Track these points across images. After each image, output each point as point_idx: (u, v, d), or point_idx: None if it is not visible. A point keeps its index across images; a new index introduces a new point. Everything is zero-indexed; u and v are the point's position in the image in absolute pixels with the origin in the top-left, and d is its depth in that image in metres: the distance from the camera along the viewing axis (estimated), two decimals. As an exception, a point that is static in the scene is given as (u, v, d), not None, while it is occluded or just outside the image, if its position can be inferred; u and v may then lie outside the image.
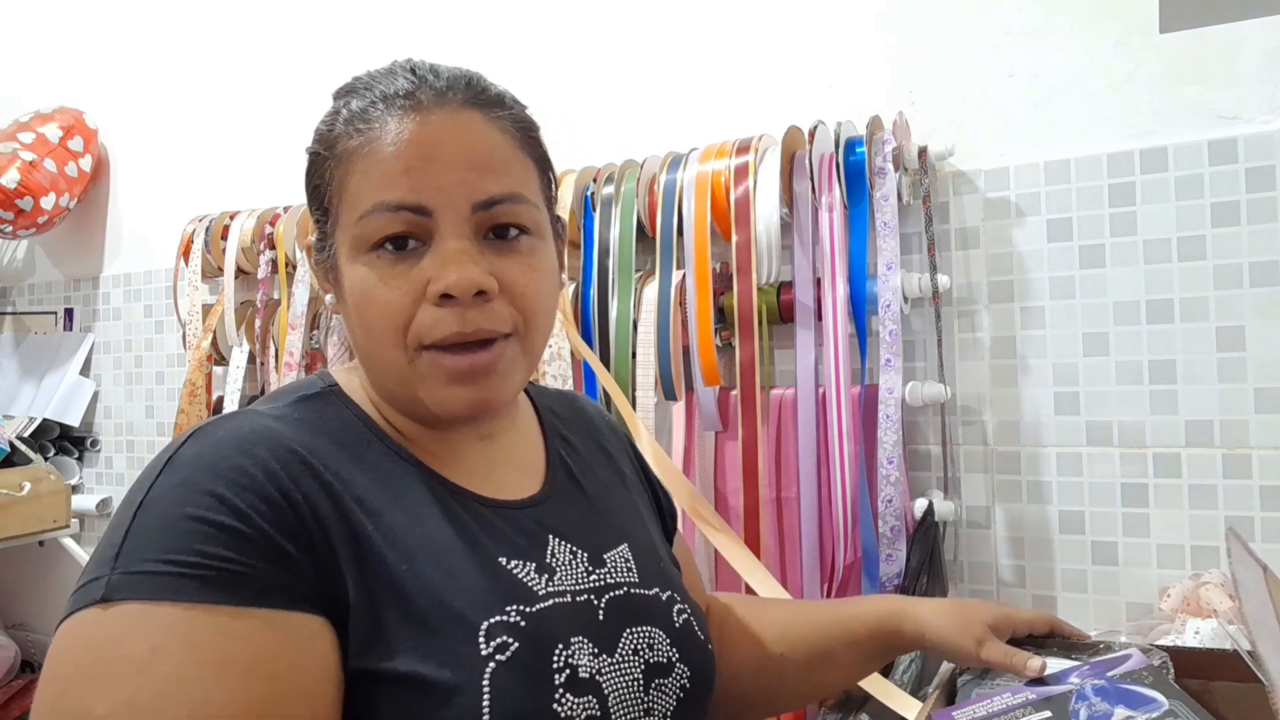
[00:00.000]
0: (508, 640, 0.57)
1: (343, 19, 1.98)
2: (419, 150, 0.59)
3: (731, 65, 1.56)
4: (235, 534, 0.51)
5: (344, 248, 0.61)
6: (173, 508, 0.52)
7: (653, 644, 0.65)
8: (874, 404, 1.33)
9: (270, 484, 0.54)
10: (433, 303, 0.59)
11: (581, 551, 0.66)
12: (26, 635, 1.82)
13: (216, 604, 0.50)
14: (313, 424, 0.61)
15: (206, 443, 0.56)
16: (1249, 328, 1.21)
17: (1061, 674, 0.72)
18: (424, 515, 0.60)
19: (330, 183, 0.62)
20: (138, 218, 2.31)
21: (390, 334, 0.60)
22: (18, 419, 2.25)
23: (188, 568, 0.50)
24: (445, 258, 0.59)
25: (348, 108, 0.62)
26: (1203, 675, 0.75)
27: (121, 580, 0.50)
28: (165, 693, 0.48)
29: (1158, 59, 1.26)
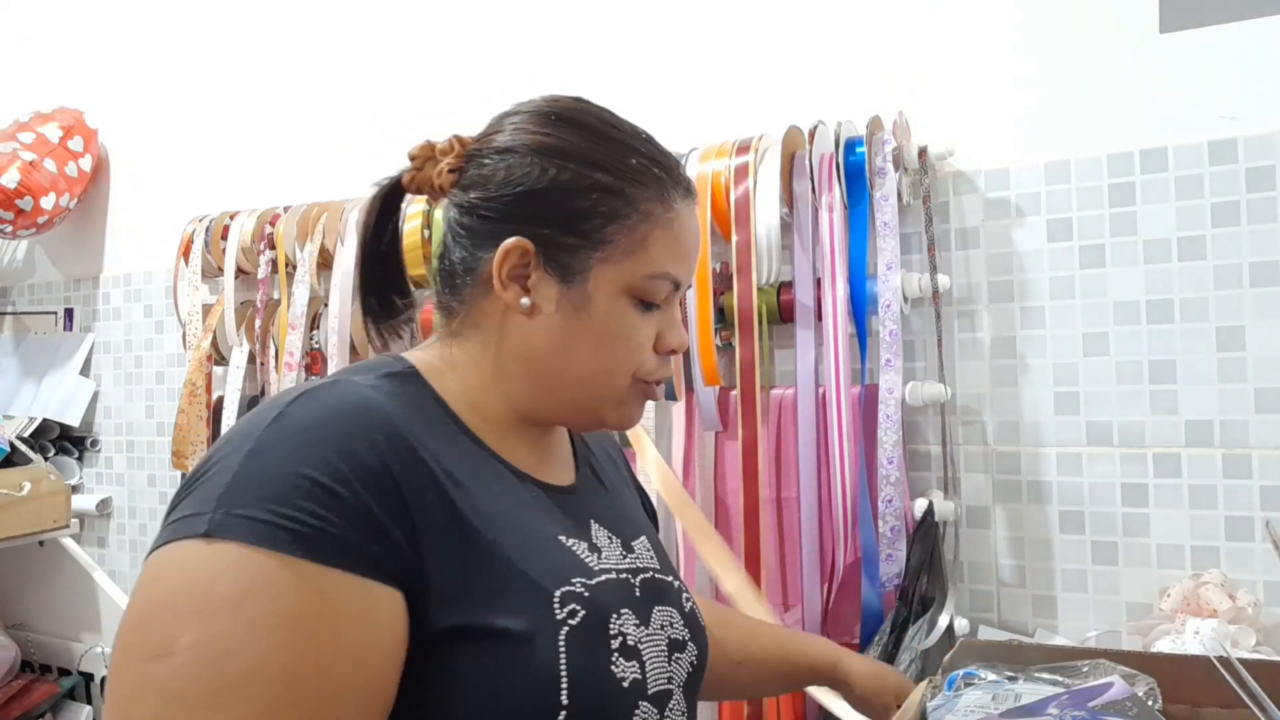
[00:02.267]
0: (576, 608, 0.64)
1: (343, 19, 1.97)
2: (694, 240, 0.74)
3: (731, 65, 1.56)
4: (336, 498, 0.55)
5: (610, 282, 0.69)
6: (282, 462, 0.56)
7: (672, 622, 0.73)
8: (874, 404, 1.33)
9: (373, 454, 0.58)
10: (661, 352, 0.73)
11: (615, 538, 0.75)
12: (26, 635, 1.82)
13: (305, 559, 0.53)
14: (402, 399, 0.65)
15: (315, 405, 0.60)
16: (1249, 328, 1.21)
17: (1039, 704, 0.70)
18: (498, 492, 0.67)
19: (617, 222, 0.69)
20: (138, 218, 2.31)
21: (628, 366, 0.71)
22: (18, 419, 2.25)
23: (288, 520, 0.54)
24: (672, 323, 0.74)
25: (646, 171, 0.71)
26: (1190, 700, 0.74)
27: (225, 520, 0.54)
28: (245, 636, 0.51)
29: (1158, 59, 1.26)
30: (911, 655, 1.21)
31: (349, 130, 1.96)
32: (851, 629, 1.34)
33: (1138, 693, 0.70)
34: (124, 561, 2.28)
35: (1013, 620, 1.34)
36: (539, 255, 0.69)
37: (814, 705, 1.34)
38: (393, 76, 1.91)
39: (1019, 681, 0.73)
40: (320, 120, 2.00)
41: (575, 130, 0.73)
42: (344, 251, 1.72)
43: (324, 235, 1.77)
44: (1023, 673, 0.76)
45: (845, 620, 1.35)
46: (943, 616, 1.24)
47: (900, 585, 1.29)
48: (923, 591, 1.28)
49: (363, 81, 1.95)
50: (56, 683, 1.75)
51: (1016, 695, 0.72)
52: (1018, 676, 0.74)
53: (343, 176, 1.92)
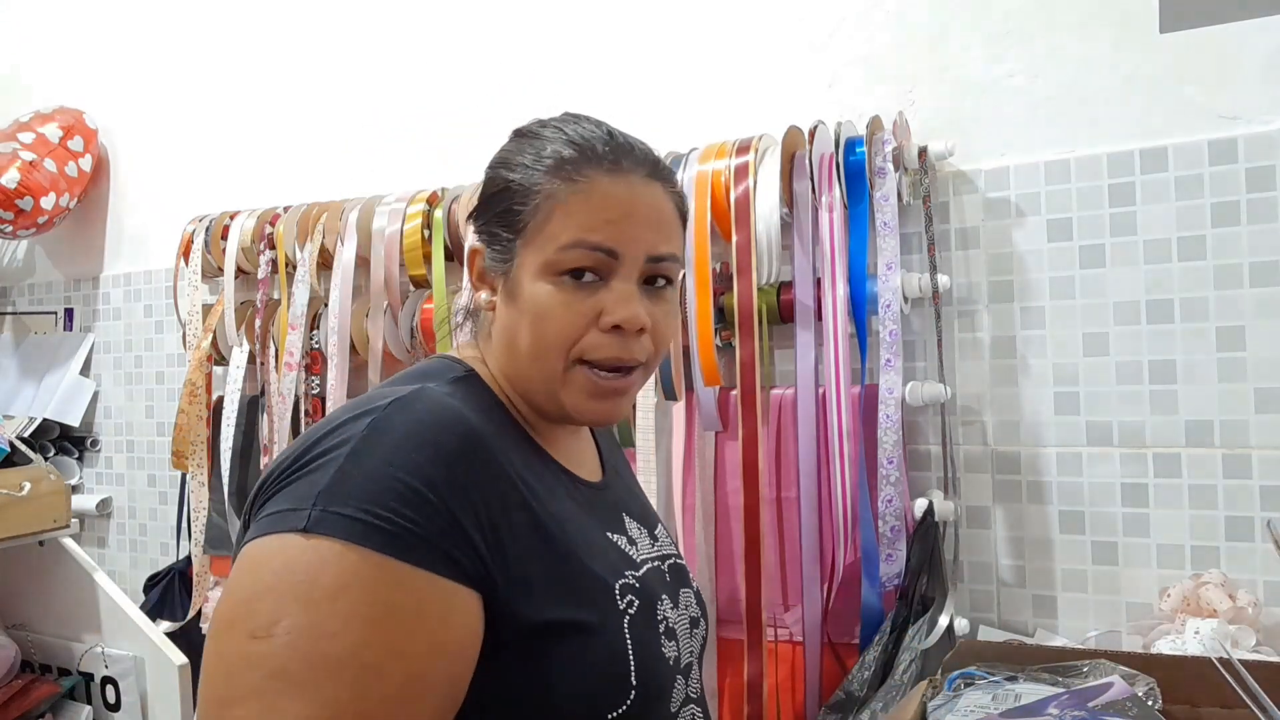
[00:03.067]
0: (633, 598, 0.70)
1: (342, 19, 1.97)
2: (619, 207, 0.72)
3: (731, 65, 1.56)
4: (426, 503, 0.60)
5: (531, 265, 0.72)
6: (380, 465, 0.60)
7: (690, 602, 0.80)
8: (874, 404, 1.33)
9: (461, 464, 0.63)
10: (603, 330, 0.71)
11: (643, 528, 0.81)
12: (26, 635, 1.82)
13: (396, 559, 0.58)
14: (476, 407, 0.70)
15: (411, 414, 0.64)
16: (1249, 328, 1.21)
17: (1039, 704, 0.70)
18: (557, 492, 0.72)
19: (530, 210, 0.72)
20: (138, 218, 2.31)
21: (560, 345, 0.71)
22: (18, 419, 2.25)
23: (382, 521, 0.58)
24: (619, 296, 0.71)
25: (554, 152, 0.73)
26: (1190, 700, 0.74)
27: (324, 517, 0.58)
28: (342, 625, 0.56)
29: (1158, 59, 1.26)
30: (911, 655, 1.21)
31: (349, 130, 1.96)
32: (851, 629, 1.34)
33: (1138, 693, 0.70)
34: (124, 562, 2.28)
35: (1013, 620, 1.34)
36: (487, 254, 0.76)
37: (814, 705, 1.34)
38: (392, 77, 1.91)
39: (1019, 681, 0.73)
40: (320, 120, 2.00)
41: (515, 140, 0.77)
42: (344, 251, 1.72)
43: (324, 235, 1.77)
44: (1022, 673, 0.76)
45: (845, 620, 1.35)
46: (943, 616, 1.24)
47: (900, 585, 1.29)
48: (923, 591, 1.28)
49: (363, 81, 1.95)
50: (56, 683, 1.75)
51: (1016, 695, 0.72)
52: (1017, 676, 0.74)
53: (343, 176, 1.92)
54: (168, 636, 1.64)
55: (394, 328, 1.72)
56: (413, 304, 1.70)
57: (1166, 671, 0.76)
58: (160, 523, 2.22)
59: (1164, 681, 0.74)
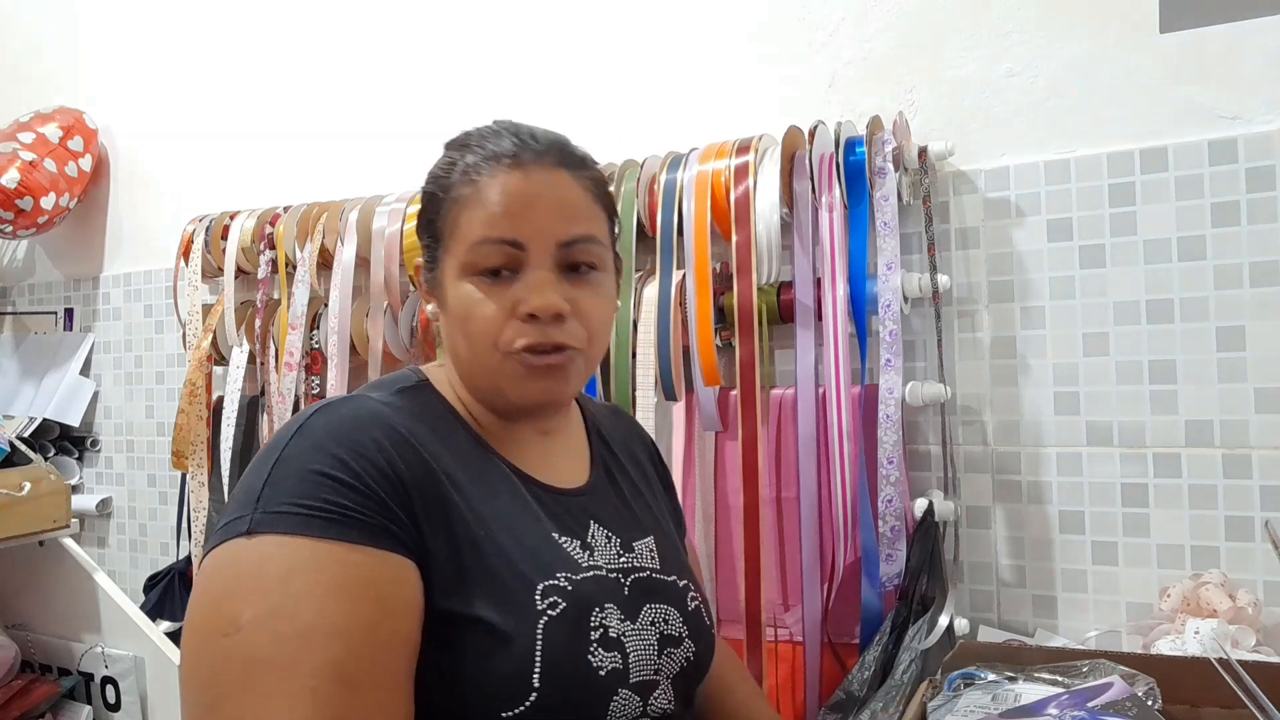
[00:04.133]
0: (558, 600, 0.70)
1: (342, 20, 1.97)
2: (519, 198, 0.74)
3: (731, 65, 1.56)
4: (352, 488, 0.64)
5: (451, 270, 0.75)
6: (305, 465, 0.65)
7: (667, 619, 0.78)
8: (874, 404, 1.33)
9: (380, 455, 0.67)
10: (520, 319, 0.73)
11: (615, 538, 0.80)
12: (26, 635, 1.82)
13: (336, 540, 0.62)
14: (412, 411, 0.74)
15: (332, 416, 0.69)
16: (1249, 328, 1.21)
17: (1039, 704, 0.70)
18: (498, 491, 0.74)
19: (443, 218, 0.77)
20: (138, 218, 2.31)
21: (486, 341, 0.74)
22: (18, 419, 2.25)
23: (316, 511, 0.63)
24: (531, 284, 0.73)
25: (463, 160, 0.76)
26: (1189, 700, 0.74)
27: (263, 518, 0.62)
28: (297, 604, 0.60)
29: (1158, 59, 1.26)
30: (911, 655, 1.20)
31: (349, 130, 1.96)
32: (851, 629, 1.34)
33: (1137, 693, 0.70)
34: (124, 561, 2.28)
35: (1013, 620, 1.34)
36: (424, 267, 0.81)
37: (814, 705, 1.34)
38: (393, 77, 1.91)
39: (1019, 682, 0.73)
40: (320, 120, 2.00)
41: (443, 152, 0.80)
42: (344, 251, 1.72)
43: (324, 235, 1.77)
44: (1022, 673, 0.76)
45: (845, 620, 1.35)
46: (943, 616, 1.24)
47: (900, 585, 1.29)
48: (923, 591, 1.28)
49: (363, 82, 1.95)
50: (56, 683, 1.75)
51: (1016, 695, 0.72)
52: (1017, 677, 0.74)
53: (343, 176, 1.92)
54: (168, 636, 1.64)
55: (394, 328, 1.72)
56: (413, 304, 1.70)
57: (1166, 671, 0.76)
58: (160, 523, 2.22)
59: (1164, 681, 0.74)
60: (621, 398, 1.44)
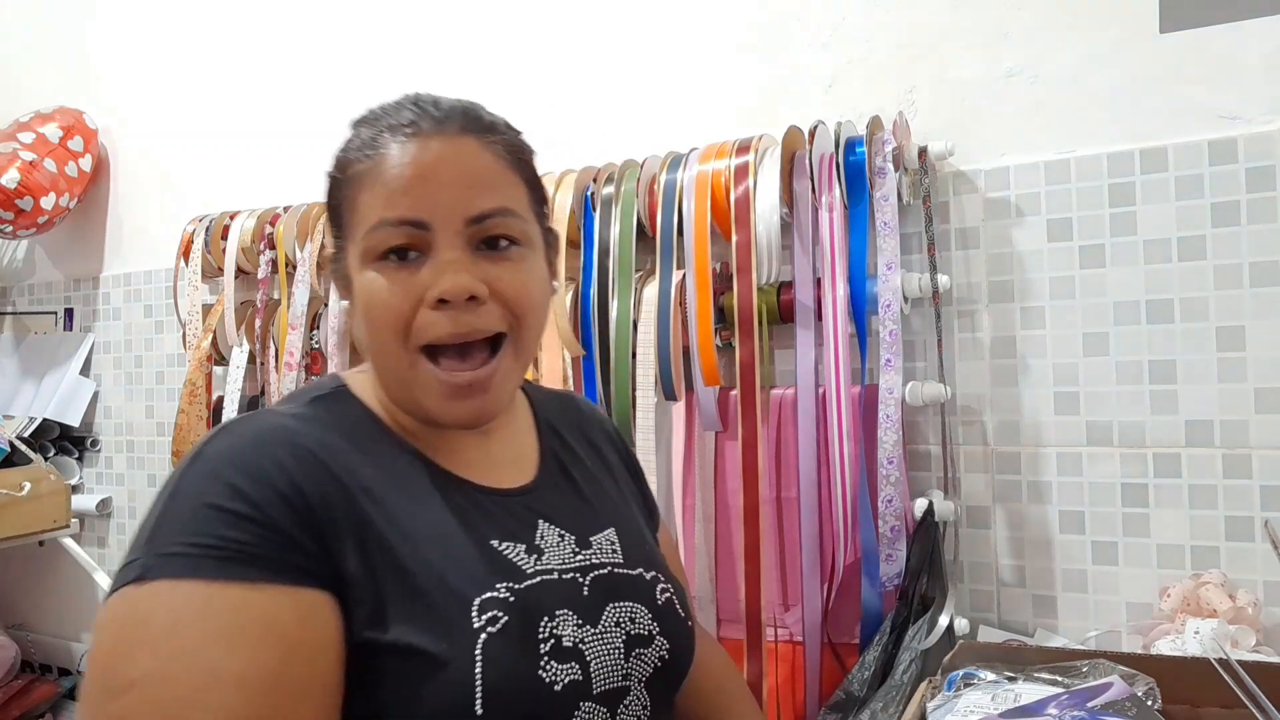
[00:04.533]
0: (498, 614, 0.63)
1: (342, 20, 1.97)
2: (418, 172, 0.67)
3: (732, 65, 1.56)
4: (249, 520, 0.58)
5: (355, 258, 0.69)
6: (197, 497, 0.59)
7: (634, 618, 0.72)
8: (874, 404, 1.33)
9: (282, 478, 0.61)
10: (430, 306, 0.66)
11: (569, 535, 0.73)
12: (26, 635, 1.82)
13: (231, 580, 0.57)
14: (325, 421, 0.68)
15: (229, 440, 0.63)
16: (1249, 328, 1.21)
17: (1039, 704, 0.70)
18: (425, 501, 0.68)
19: (344, 202, 0.70)
20: (138, 218, 2.31)
21: (393, 334, 0.67)
22: (18, 419, 2.25)
23: (208, 549, 0.57)
24: (440, 267, 0.66)
25: (359, 136, 0.71)
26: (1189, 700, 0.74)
27: (154, 561, 0.57)
28: (191, 657, 0.54)
29: (1158, 59, 1.26)
30: (911, 655, 1.20)
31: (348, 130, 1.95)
32: (851, 629, 1.34)
33: (1137, 693, 0.70)
34: (124, 561, 2.28)
35: (1013, 620, 1.34)
36: (334, 260, 0.74)
37: (814, 705, 1.34)
38: (392, 77, 1.91)
39: (1018, 682, 0.73)
40: (320, 120, 2.00)
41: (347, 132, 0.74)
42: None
43: (324, 235, 1.77)
44: (1022, 673, 0.76)
45: (845, 620, 1.35)
46: (943, 616, 1.24)
47: (900, 585, 1.29)
48: (923, 591, 1.28)
49: (362, 82, 1.95)
50: (56, 683, 1.75)
51: (1016, 695, 0.72)
52: (1017, 677, 0.74)
53: (343, 176, 1.92)
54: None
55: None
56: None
57: (1166, 671, 0.76)
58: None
59: (1164, 681, 0.75)
60: (621, 398, 1.44)
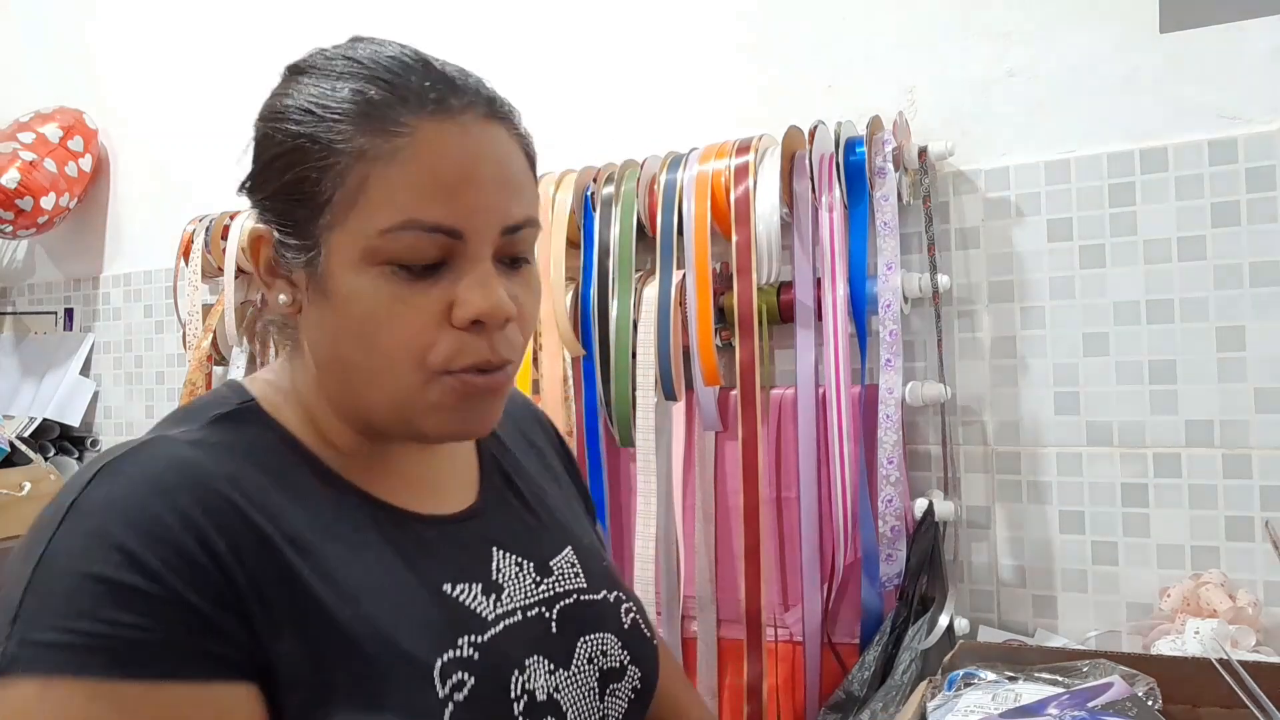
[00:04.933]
0: (463, 677, 0.54)
1: (342, 21, 1.97)
2: (459, 166, 0.54)
3: (732, 65, 1.56)
4: (146, 597, 0.46)
5: (346, 253, 0.54)
6: (76, 564, 0.46)
7: (605, 650, 0.64)
8: (874, 404, 1.33)
9: (188, 534, 0.48)
10: (460, 327, 0.54)
11: (527, 562, 0.64)
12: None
13: (122, 680, 0.45)
14: (233, 448, 0.55)
15: (116, 483, 0.50)
16: (1249, 328, 1.21)
17: (1039, 704, 0.70)
18: (361, 545, 0.56)
19: (330, 175, 0.54)
20: (138, 218, 2.31)
21: (407, 356, 0.54)
22: (18, 419, 2.25)
23: (92, 637, 0.45)
24: (473, 281, 0.54)
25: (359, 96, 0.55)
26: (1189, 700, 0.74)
27: (19, 652, 0.45)
28: None
29: (1158, 59, 1.26)
30: (911, 655, 1.21)
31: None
32: (851, 629, 1.34)
33: (1137, 693, 0.70)
34: (124, 561, 2.28)
35: (1013, 620, 1.34)
36: (277, 239, 0.57)
37: (814, 705, 1.34)
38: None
39: (1019, 682, 0.73)
40: (320, 120, 2.00)
41: (293, 79, 0.59)
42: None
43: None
44: (1022, 673, 0.76)
45: (845, 620, 1.35)
46: (943, 616, 1.24)
47: (900, 585, 1.29)
48: (923, 591, 1.28)
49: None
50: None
51: (1016, 695, 0.72)
52: (1017, 677, 0.74)
53: (343, 176, 1.92)
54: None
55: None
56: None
57: (1166, 671, 0.76)
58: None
59: (1164, 681, 0.75)
60: (621, 398, 1.44)
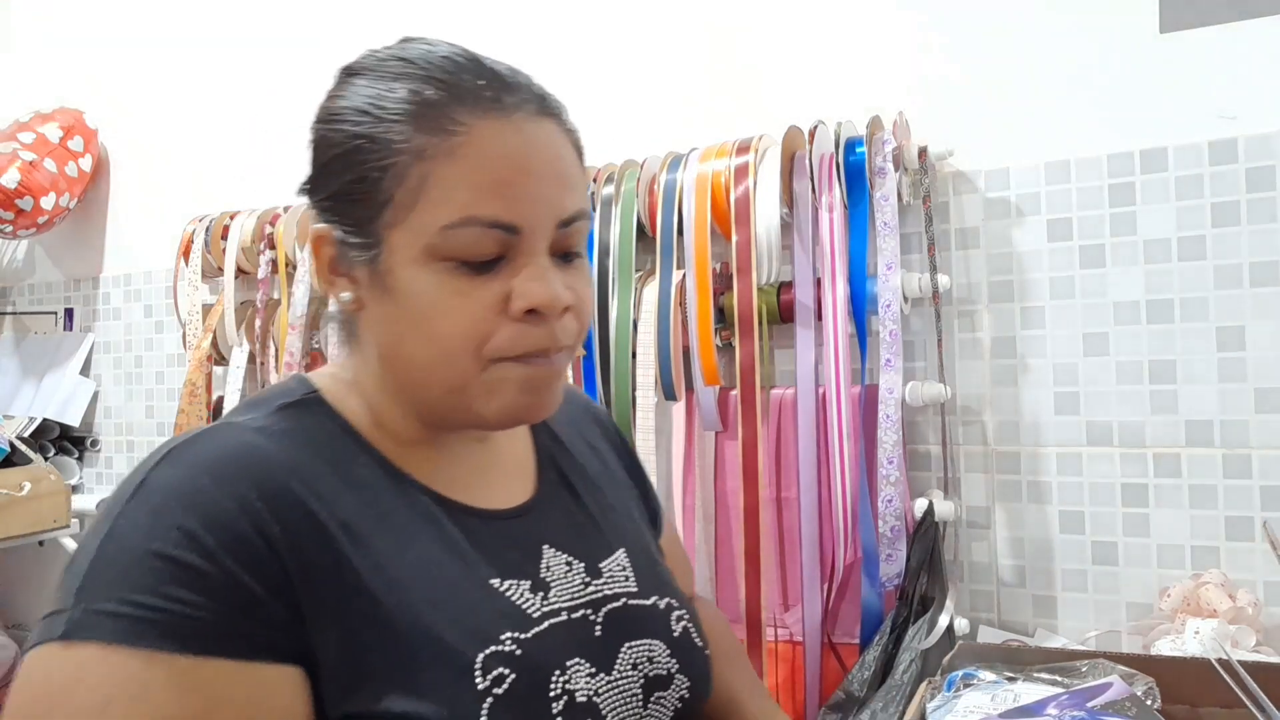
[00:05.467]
0: (504, 672, 0.55)
1: (342, 21, 1.97)
2: (515, 163, 0.56)
3: (732, 65, 1.56)
4: (202, 576, 0.49)
5: (407, 250, 0.57)
6: (140, 541, 0.50)
7: (652, 657, 0.64)
8: (874, 404, 1.33)
9: (245, 518, 0.51)
10: (515, 318, 0.57)
11: (578, 562, 0.65)
12: (26, 635, 1.82)
13: (174, 653, 0.48)
14: (296, 436, 0.58)
15: (180, 466, 0.53)
16: (1249, 328, 1.21)
17: (1038, 704, 0.70)
18: (413, 536, 0.58)
19: (393, 176, 0.56)
20: (138, 218, 2.31)
21: (466, 346, 0.57)
22: (18, 419, 2.25)
23: (149, 610, 0.48)
24: (530, 274, 0.57)
25: (416, 97, 0.57)
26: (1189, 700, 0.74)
27: (83, 618, 0.48)
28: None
29: (1158, 59, 1.26)
30: (911, 655, 1.20)
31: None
32: (851, 629, 1.34)
33: (1137, 692, 0.70)
34: (124, 561, 2.28)
35: (1013, 620, 1.34)
36: (339, 239, 0.60)
37: (814, 705, 1.34)
38: (393, 76, 1.91)
39: (1018, 682, 0.73)
40: (320, 120, 2.00)
41: (347, 82, 0.61)
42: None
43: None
44: (1022, 673, 0.76)
45: (845, 620, 1.35)
46: (943, 616, 1.24)
47: (900, 585, 1.29)
48: (923, 591, 1.28)
49: (363, 81, 1.94)
50: (56, 683, 1.75)
51: (1015, 696, 0.72)
52: (1017, 677, 0.74)
53: (343, 176, 1.92)
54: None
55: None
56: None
57: (1166, 671, 0.76)
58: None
59: (1163, 681, 0.75)
60: (621, 398, 1.44)
